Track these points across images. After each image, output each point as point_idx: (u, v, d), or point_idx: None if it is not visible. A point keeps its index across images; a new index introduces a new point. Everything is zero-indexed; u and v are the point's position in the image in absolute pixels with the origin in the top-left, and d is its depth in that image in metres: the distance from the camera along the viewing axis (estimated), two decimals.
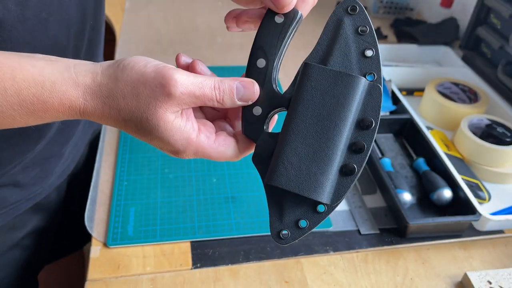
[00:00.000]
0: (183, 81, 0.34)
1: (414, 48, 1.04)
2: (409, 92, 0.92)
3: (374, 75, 0.36)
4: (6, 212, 0.56)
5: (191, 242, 0.58)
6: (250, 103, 0.37)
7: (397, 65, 0.99)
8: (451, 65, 1.00)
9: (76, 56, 0.51)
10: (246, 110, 0.38)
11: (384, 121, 0.78)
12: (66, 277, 0.93)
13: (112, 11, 1.11)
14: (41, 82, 0.33)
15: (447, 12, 1.16)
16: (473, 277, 0.55)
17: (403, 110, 0.79)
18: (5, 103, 0.33)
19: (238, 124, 0.40)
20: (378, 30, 1.15)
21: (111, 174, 0.67)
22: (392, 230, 0.62)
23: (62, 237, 0.76)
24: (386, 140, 0.77)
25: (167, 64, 0.35)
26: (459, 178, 0.65)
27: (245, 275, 0.55)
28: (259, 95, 0.37)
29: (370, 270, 0.57)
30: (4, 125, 0.35)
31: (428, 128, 0.81)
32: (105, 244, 0.57)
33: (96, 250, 0.56)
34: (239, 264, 0.56)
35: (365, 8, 1.44)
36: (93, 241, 0.57)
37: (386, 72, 0.90)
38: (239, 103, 0.36)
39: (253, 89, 0.37)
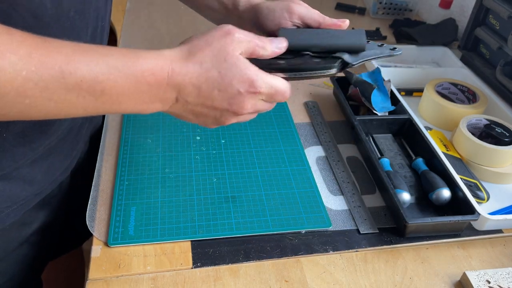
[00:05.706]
0: (239, 30, 0.45)
1: (413, 49, 1.04)
2: (408, 92, 0.93)
3: None
4: (17, 208, 0.58)
5: (192, 241, 0.58)
6: (282, 50, 0.49)
7: (396, 66, 0.99)
8: (450, 65, 1.01)
9: None
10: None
11: (383, 121, 0.78)
12: (66, 277, 0.93)
13: (113, 11, 1.11)
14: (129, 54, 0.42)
15: (446, 13, 1.16)
16: (472, 276, 0.55)
17: (402, 110, 0.79)
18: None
19: None
20: (377, 31, 1.16)
21: (112, 174, 0.67)
22: (391, 229, 0.62)
23: (66, 233, 0.77)
24: (385, 140, 0.78)
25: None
26: (457, 178, 0.66)
27: (245, 274, 0.55)
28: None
29: (369, 269, 0.57)
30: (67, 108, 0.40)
31: (427, 128, 0.81)
32: (106, 244, 0.57)
33: (97, 249, 0.56)
34: (239, 263, 0.56)
35: (364, 9, 1.43)
36: (94, 241, 0.57)
37: (385, 72, 0.90)
38: (276, 50, 0.48)
39: (285, 43, 0.49)
